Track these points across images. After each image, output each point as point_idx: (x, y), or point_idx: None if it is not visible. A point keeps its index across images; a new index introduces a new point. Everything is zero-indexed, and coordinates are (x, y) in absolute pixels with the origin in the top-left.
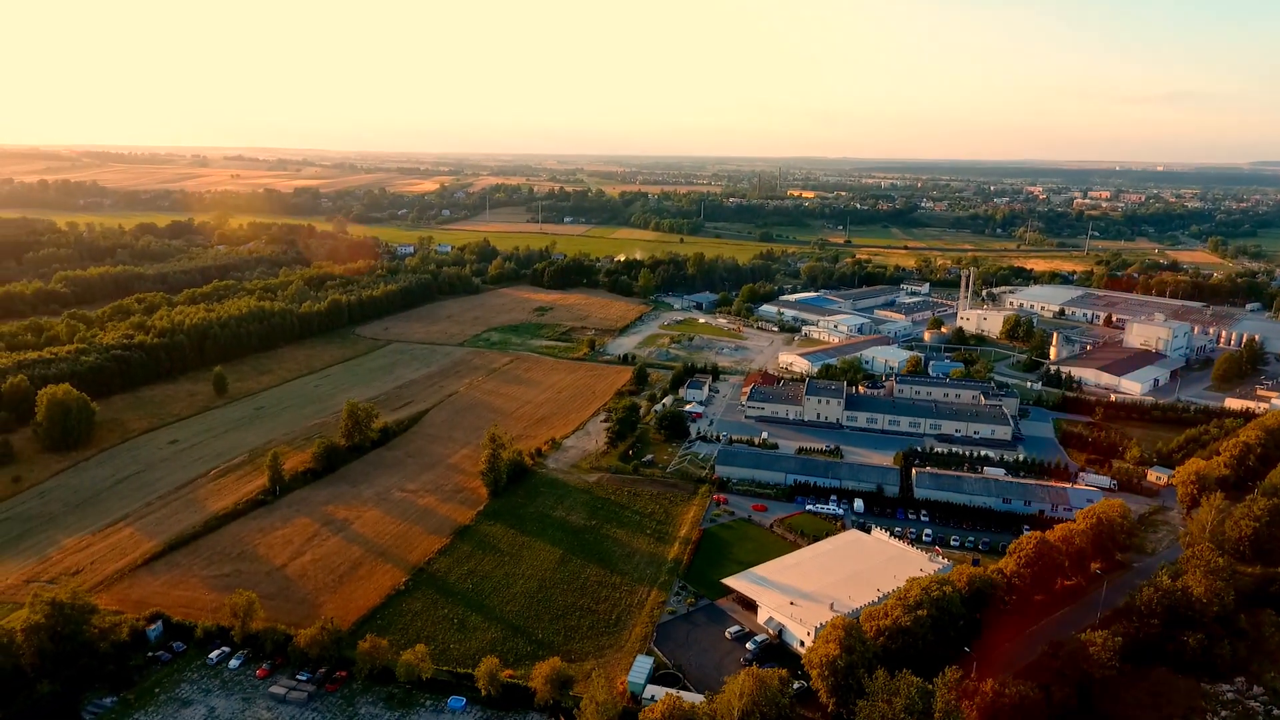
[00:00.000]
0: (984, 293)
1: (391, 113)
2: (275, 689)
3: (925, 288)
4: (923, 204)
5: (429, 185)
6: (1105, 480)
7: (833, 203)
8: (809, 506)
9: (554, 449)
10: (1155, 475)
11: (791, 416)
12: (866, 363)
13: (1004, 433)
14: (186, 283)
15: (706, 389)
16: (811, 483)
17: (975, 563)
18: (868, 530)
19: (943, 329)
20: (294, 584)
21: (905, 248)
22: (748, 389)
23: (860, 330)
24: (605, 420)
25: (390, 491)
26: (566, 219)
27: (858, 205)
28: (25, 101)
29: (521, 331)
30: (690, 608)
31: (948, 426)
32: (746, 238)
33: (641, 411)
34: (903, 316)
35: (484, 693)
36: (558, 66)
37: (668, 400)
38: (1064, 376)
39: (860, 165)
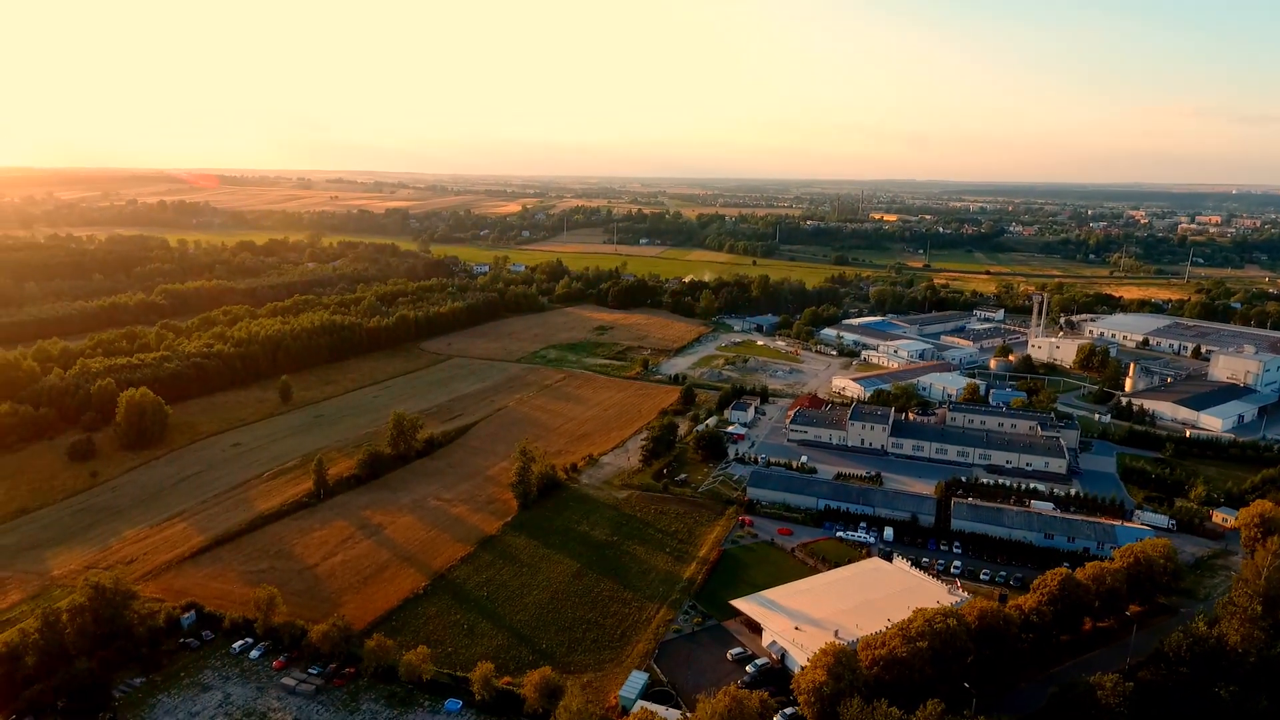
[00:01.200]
0: (1062, 320)
1: (482, 136)
2: (286, 680)
3: (999, 314)
4: (1011, 228)
5: (512, 207)
6: (1163, 519)
7: (914, 226)
8: (839, 533)
9: (590, 465)
10: (1221, 517)
11: (835, 441)
12: (924, 389)
13: (1058, 465)
14: (272, 297)
15: (752, 411)
16: (843, 509)
17: (1002, 598)
18: (890, 559)
19: (1010, 357)
20: (321, 583)
21: (987, 273)
22: (793, 412)
23: (922, 356)
24: (644, 439)
25: (426, 500)
26: (642, 240)
27: (940, 229)
28: (153, 129)
29: (579, 349)
30: (697, 627)
31: (998, 457)
32: (821, 260)
33: (682, 431)
34: (970, 343)
35: (478, 697)
36: (651, 89)
37: (711, 421)
38: (1136, 410)
39: (951, 188)
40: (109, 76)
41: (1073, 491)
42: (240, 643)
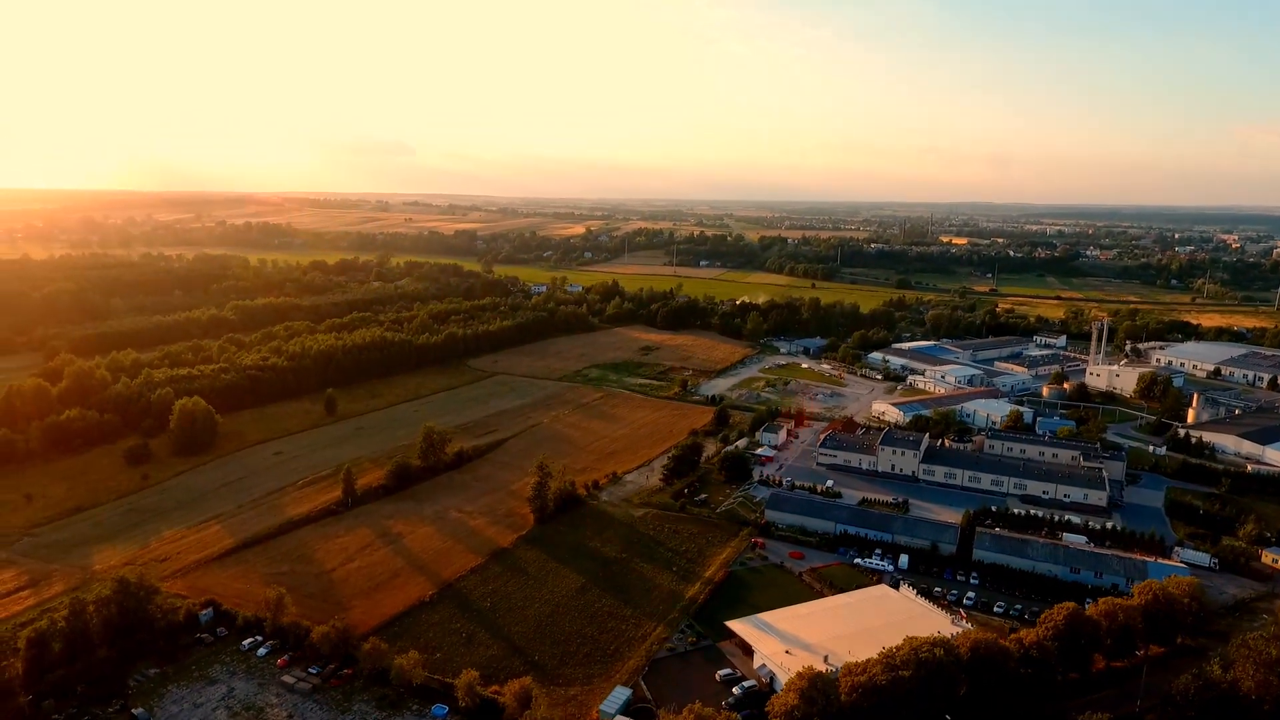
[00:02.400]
0: (1128, 348)
1: (555, 159)
2: (286, 678)
3: (1061, 340)
4: (1087, 251)
5: (577, 229)
6: (1204, 557)
7: (983, 249)
8: (858, 560)
9: (612, 482)
10: (1271, 557)
11: (864, 466)
12: (967, 416)
13: (1098, 498)
14: (333, 313)
15: (784, 433)
16: (861, 534)
17: (1013, 630)
18: (899, 587)
19: (1065, 385)
20: (335, 587)
21: (1057, 298)
22: (824, 436)
23: (970, 382)
24: (667, 458)
25: (448, 511)
26: (702, 262)
27: (1011, 252)
28: (247, 154)
29: (621, 369)
30: (690, 646)
31: (1034, 487)
32: (883, 284)
33: (710, 452)
34: (1025, 370)
35: (462, 704)
36: (719, 111)
37: (741, 442)
38: (1195, 442)
39: (1030, 211)
40: (210, 105)
41: (1110, 525)
42: (250, 640)
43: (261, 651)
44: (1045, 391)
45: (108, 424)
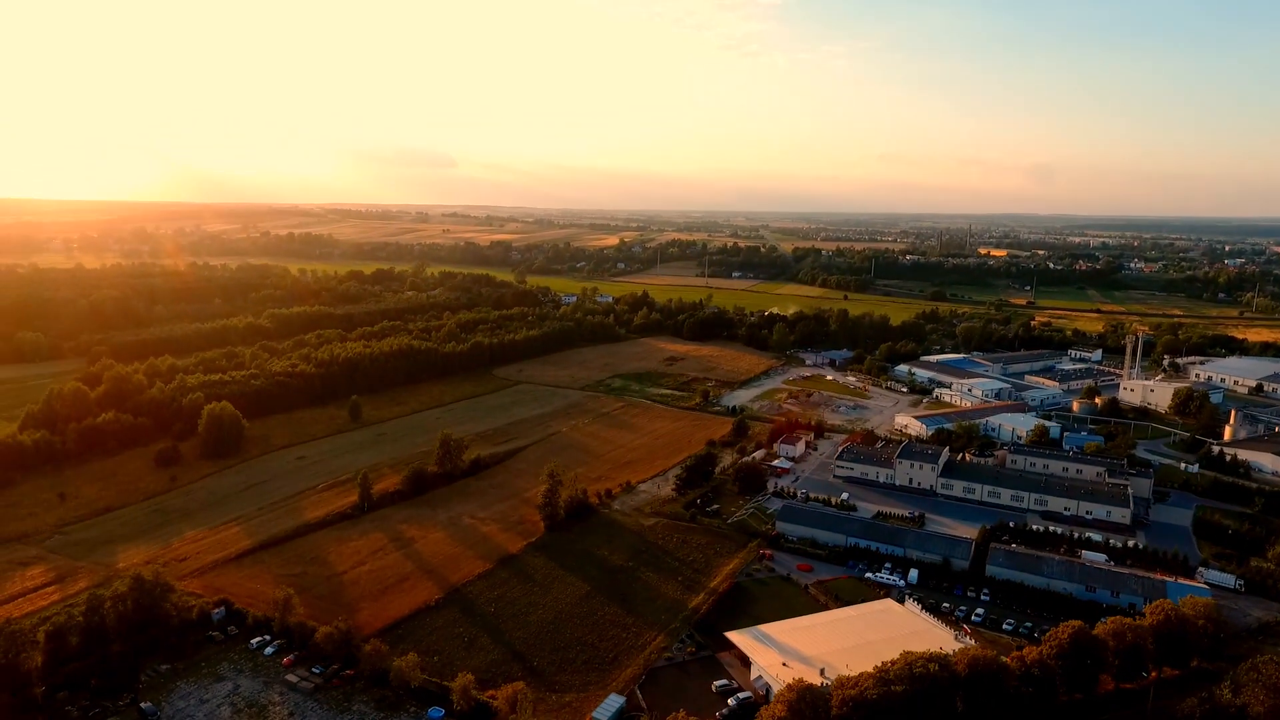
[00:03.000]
0: (1165, 362)
1: (591, 170)
2: (290, 676)
3: (1096, 354)
4: (1131, 264)
5: (611, 240)
6: (1229, 579)
7: (1022, 261)
8: (869, 574)
9: (625, 491)
10: None
11: (882, 479)
12: (992, 430)
13: (1121, 515)
14: (365, 322)
15: (802, 445)
16: (872, 548)
17: (1019, 650)
18: (905, 601)
19: (1097, 400)
20: (345, 589)
21: (1097, 311)
22: (842, 448)
23: (997, 395)
24: (680, 468)
25: (461, 517)
26: (735, 274)
27: (1050, 265)
28: (294, 165)
29: (644, 379)
30: (689, 656)
31: (1056, 503)
32: (917, 296)
33: (726, 463)
34: (1056, 384)
35: (457, 707)
36: (753, 120)
37: (758, 454)
38: (1230, 459)
39: (1074, 222)
40: (264, 120)
41: (1131, 543)
42: (258, 639)
43: (269, 650)
44: (1075, 406)
45: (141, 427)
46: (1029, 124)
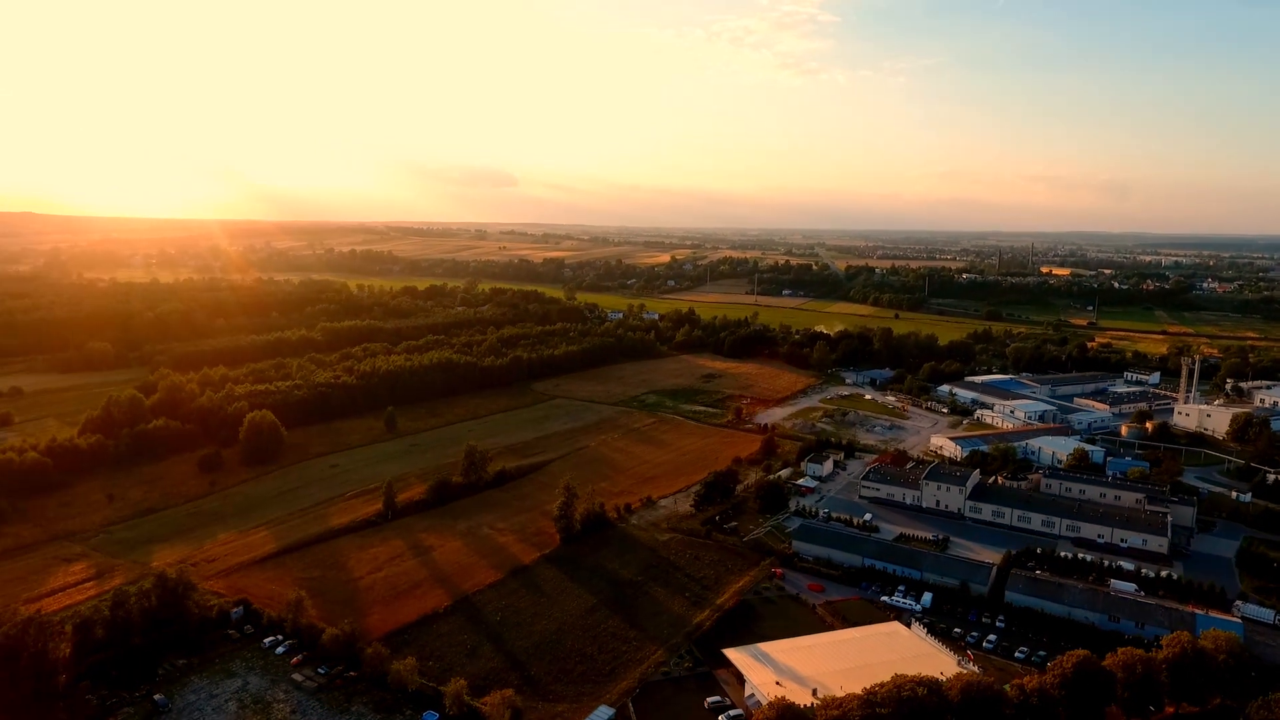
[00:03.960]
0: (1228, 386)
1: (647, 188)
2: (296, 675)
3: (1153, 377)
4: (1204, 284)
5: (663, 258)
6: (1268, 614)
7: (1085, 280)
8: (882, 597)
9: (645, 506)
10: None
11: (908, 501)
12: (1032, 453)
13: (1158, 544)
14: (411, 336)
15: (830, 464)
16: (889, 570)
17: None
18: (911, 624)
19: (1148, 425)
20: (360, 594)
21: (1163, 332)
22: (870, 468)
23: (1041, 418)
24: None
25: (480, 527)
26: (785, 291)
27: (1116, 284)
28: (360, 186)
29: (679, 396)
30: (686, 672)
31: (1089, 530)
32: (972, 315)
33: (751, 480)
34: (1106, 407)
35: (450, 712)
36: (811, 135)
37: (784, 472)
38: None
39: (1147, 241)
40: (334, 140)
41: (1165, 574)
42: (271, 638)
43: (279, 650)
44: (1124, 430)
45: (189, 433)
46: (1102, 139)
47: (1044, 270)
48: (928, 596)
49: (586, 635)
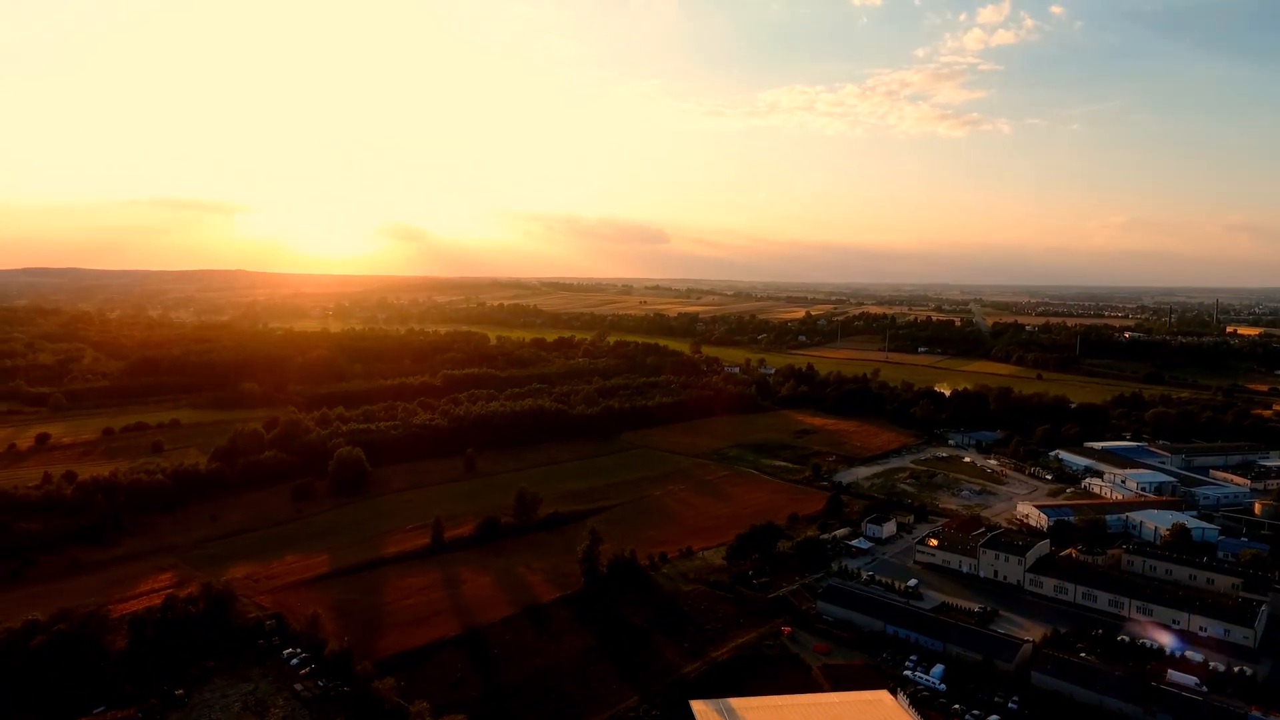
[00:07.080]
0: None
1: (797, 242)
2: (298, 686)
3: None
4: None
5: (798, 313)
6: None
7: (1275, 343)
8: (906, 670)
9: (682, 557)
10: None
11: (964, 569)
12: (1133, 527)
13: (1242, 636)
14: (520, 384)
15: (893, 526)
16: (911, 639)
17: None
18: (896, 694)
19: None
20: (383, 617)
21: None
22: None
23: (1158, 490)
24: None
25: (515, 566)
26: (920, 349)
27: None
28: (519, 242)
29: (764, 450)
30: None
31: (1162, 614)
32: (1129, 377)
33: (804, 537)
34: (1247, 482)
35: None
36: (988, 194)
37: (840, 531)
38: None
39: None
40: (497, 198)
41: (1240, 669)
42: (289, 650)
43: (294, 661)
44: (1258, 509)
45: (290, 465)
46: None
47: (1229, 330)
48: (939, 669)
49: (573, 675)
